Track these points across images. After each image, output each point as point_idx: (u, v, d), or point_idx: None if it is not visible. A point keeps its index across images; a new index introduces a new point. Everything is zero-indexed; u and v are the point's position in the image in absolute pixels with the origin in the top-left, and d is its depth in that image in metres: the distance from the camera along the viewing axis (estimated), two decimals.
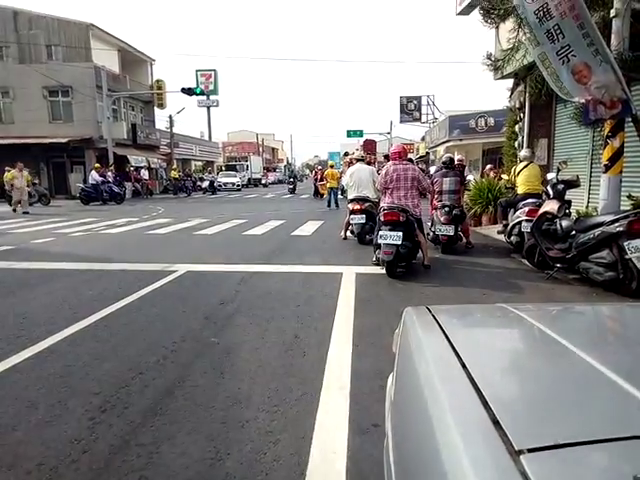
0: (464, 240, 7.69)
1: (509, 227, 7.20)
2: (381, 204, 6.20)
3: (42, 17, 25.67)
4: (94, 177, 20.24)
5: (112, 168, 22.33)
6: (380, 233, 5.72)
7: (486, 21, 7.23)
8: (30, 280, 5.78)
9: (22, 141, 22.68)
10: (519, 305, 1.48)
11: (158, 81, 32.33)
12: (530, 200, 6.77)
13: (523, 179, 7.25)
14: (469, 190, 9.97)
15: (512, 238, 7.01)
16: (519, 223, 6.75)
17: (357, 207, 8.29)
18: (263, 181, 46.70)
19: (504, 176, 8.98)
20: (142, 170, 26.80)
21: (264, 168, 56.74)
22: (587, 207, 7.85)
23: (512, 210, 7.35)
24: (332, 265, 6.41)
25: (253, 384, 2.85)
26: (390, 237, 5.62)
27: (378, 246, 5.86)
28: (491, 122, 20.96)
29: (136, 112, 31.11)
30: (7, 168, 18.20)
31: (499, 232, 8.05)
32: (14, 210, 15.76)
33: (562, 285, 5.22)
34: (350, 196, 8.67)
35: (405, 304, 4.42)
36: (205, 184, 30.86)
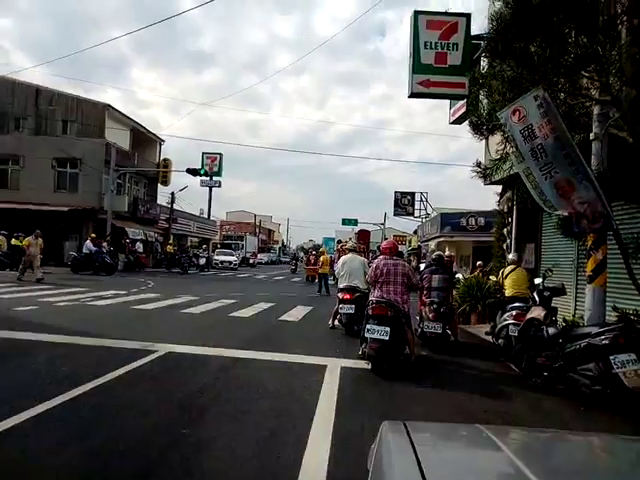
0: (452, 337, 7.62)
1: (497, 329, 7.19)
2: (370, 297, 6.22)
3: (62, 95, 27.36)
4: (89, 246, 20.33)
5: (108, 239, 22.53)
6: (367, 327, 5.68)
7: (475, 134, 7.78)
8: (4, 351, 5.59)
9: (23, 207, 23.06)
10: (495, 427, 1.46)
11: (165, 160, 33.68)
12: (517, 304, 6.83)
13: (510, 282, 7.37)
14: (457, 288, 10.07)
15: (500, 341, 6.97)
16: (507, 326, 6.75)
17: (347, 297, 8.30)
18: (251, 261, 44.67)
19: (492, 277, 9.14)
20: (137, 243, 27.01)
21: (258, 248, 57.40)
22: (574, 315, 7.90)
23: (500, 312, 7.38)
24: (317, 356, 6.27)
25: None
26: (377, 332, 5.57)
27: (365, 340, 5.79)
28: (481, 222, 21.70)
29: (140, 187, 32.07)
30: (20, 234, 18.32)
31: (487, 333, 8.02)
32: (19, 278, 14.63)
33: (549, 395, 5.09)
34: (340, 285, 8.72)
35: (388, 406, 4.32)
36: (202, 261, 30.29)
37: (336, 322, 8.74)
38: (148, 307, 10.14)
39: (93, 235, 21.21)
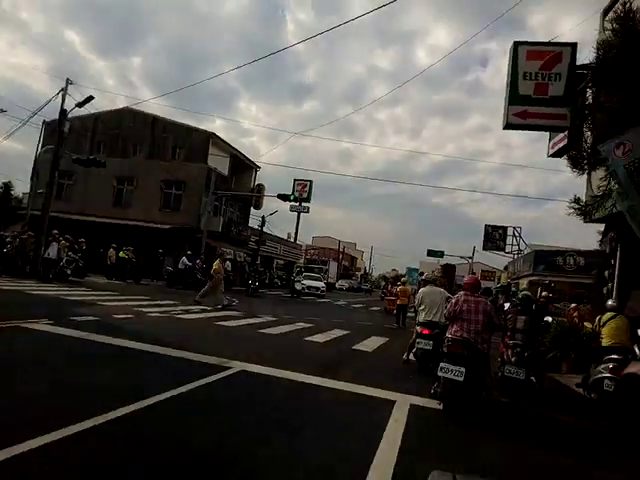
0: (536, 385, 7.00)
1: (590, 381, 6.48)
2: (447, 334, 5.96)
3: (174, 124, 30.21)
4: (184, 262, 21.90)
5: (202, 257, 24.06)
6: (441, 365, 5.42)
7: (574, 168, 7.28)
8: (97, 354, 6.16)
9: (133, 223, 25.53)
10: None
11: (259, 185, 35.55)
12: (615, 356, 6.13)
13: (608, 331, 6.65)
14: (547, 333, 9.27)
15: (592, 395, 6.27)
16: (601, 380, 6.06)
17: (425, 332, 8.02)
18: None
19: (587, 324, 8.30)
20: (227, 262, 28.48)
21: (340, 274, 57.69)
22: None
23: (594, 363, 6.65)
24: (387, 390, 6.08)
25: None
26: (451, 371, 5.30)
27: (438, 378, 5.53)
28: (581, 262, 19.98)
29: (234, 209, 34.05)
30: (129, 248, 20.73)
31: (577, 385, 7.25)
32: (197, 301, 14.14)
33: None
34: (420, 319, 8.45)
35: (455, 452, 4.06)
36: (297, 286, 28.41)
37: (411, 356, 8.45)
38: (230, 324, 10.60)
39: (189, 252, 22.81)
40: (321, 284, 32.83)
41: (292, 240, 49.59)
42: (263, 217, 35.60)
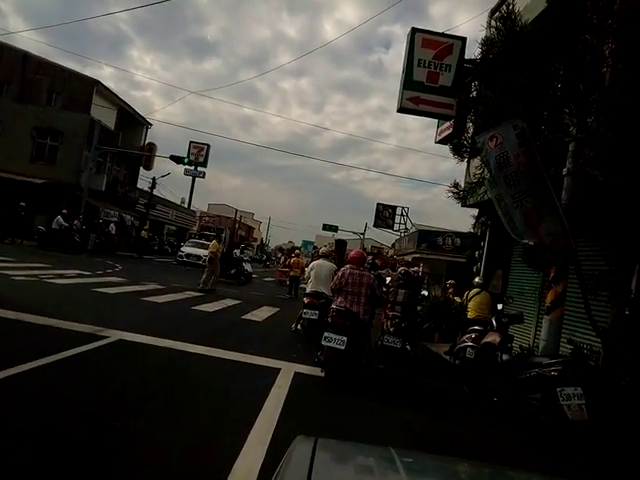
0: (411, 353, 7.64)
1: (455, 349, 7.23)
2: (332, 305, 6.19)
3: (51, 65, 26.70)
4: (59, 222, 19.81)
5: (81, 217, 21.99)
6: (325, 334, 5.63)
7: (456, 156, 7.85)
8: None
9: None
10: (410, 452, 1.42)
11: (150, 144, 33.20)
12: (476, 327, 6.89)
13: (473, 305, 7.45)
14: (423, 305, 10.14)
15: (457, 361, 7.02)
16: (464, 348, 6.80)
17: (311, 302, 8.25)
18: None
19: (456, 298, 9.23)
20: (111, 224, 26.45)
21: (235, 244, 56.87)
22: (532, 344, 8.02)
23: (460, 333, 7.43)
24: (272, 359, 6.18)
25: None
26: (334, 340, 5.53)
27: (321, 347, 5.74)
28: (457, 242, 21.97)
29: (121, 168, 31.45)
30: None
31: (446, 353, 8.07)
32: (202, 290, 12.64)
33: (495, 421, 5.13)
34: (307, 289, 8.67)
35: (332, 416, 4.26)
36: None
37: (299, 326, 8.68)
38: (109, 291, 9.88)
39: (65, 211, 20.66)
40: (205, 252, 28.46)
41: (185, 206, 47.51)
42: (154, 178, 33.55)
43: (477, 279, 8.32)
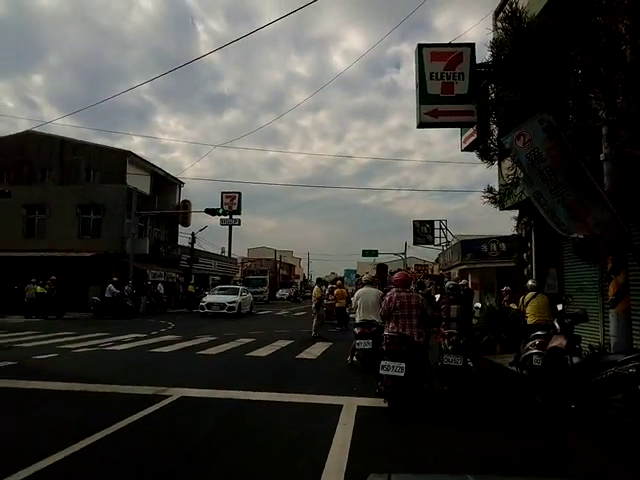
0: (474, 370, 7.32)
1: (520, 359, 6.87)
2: (384, 332, 6.06)
3: (86, 145, 28.53)
4: (111, 290, 20.67)
5: (130, 282, 22.85)
6: (382, 363, 5.50)
7: (484, 160, 7.71)
8: (19, 402, 5.59)
9: (50, 255, 23.70)
10: (488, 477, 1.33)
11: (184, 201, 34.42)
12: (539, 332, 6.55)
13: (532, 310, 7.11)
14: (477, 317, 9.77)
15: (524, 371, 6.65)
16: (530, 356, 6.45)
17: (363, 331, 8.12)
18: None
19: (512, 305, 8.84)
20: (159, 284, 27.32)
21: (280, 284, 57.37)
22: (602, 342, 7.52)
23: (523, 341, 7.08)
24: (333, 395, 6.07)
25: None
26: (392, 368, 5.38)
27: (380, 377, 5.59)
28: (503, 247, 21.26)
29: (161, 229, 32.71)
30: (49, 281, 18.74)
31: (510, 364, 7.68)
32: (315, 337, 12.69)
33: (576, 429, 4.78)
34: (356, 319, 8.56)
35: (402, 448, 4.09)
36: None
37: (354, 358, 8.53)
38: (165, 350, 10.11)
39: (115, 279, 21.56)
40: (230, 298, 22.54)
41: (226, 254, 48.58)
42: (193, 234, 34.61)
43: (530, 282, 7.97)
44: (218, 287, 26.70)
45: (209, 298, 22.76)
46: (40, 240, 25.78)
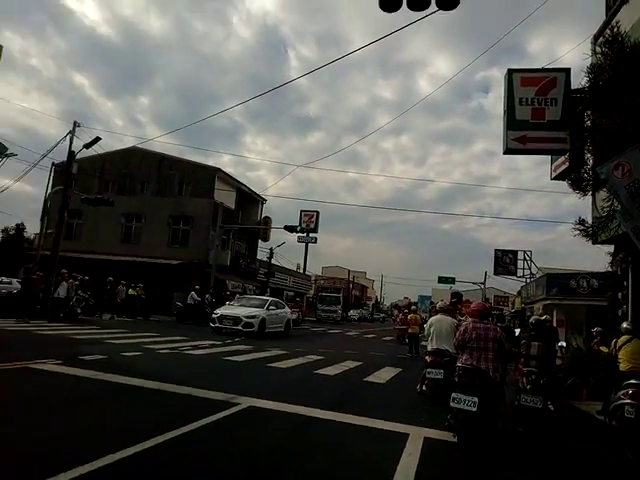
0: (555, 414, 6.78)
1: (610, 408, 6.26)
2: (457, 363, 5.84)
3: (181, 161, 30.84)
4: (193, 297, 21.89)
5: (211, 291, 24.04)
6: (453, 395, 5.29)
7: (577, 191, 7.28)
8: (105, 393, 6.10)
9: (142, 260, 25.71)
10: None
11: (266, 217, 35.85)
12: (634, 381, 5.94)
13: (625, 354, 6.47)
14: (561, 357, 9.05)
15: (613, 422, 6.05)
16: (622, 406, 5.86)
17: (434, 361, 7.87)
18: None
19: (602, 348, 8.10)
20: (237, 295, 28.44)
21: (351, 304, 57.16)
22: None
23: (614, 389, 6.45)
24: (400, 423, 5.92)
25: None
26: (464, 402, 5.16)
27: (451, 409, 5.38)
28: (594, 284, 19.66)
29: (242, 243, 34.26)
30: (139, 285, 20.52)
31: (598, 412, 7.02)
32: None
33: None
34: (428, 348, 8.32)
35: None
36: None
37: (424, 387, 8.27)
38: (238, 359, 10.48)
39: (197, 287, 22.81)
40: (250, 312, 17.52)
41: (301, 271, 49.54)
42: (271, 249, 35.80)
43: (625, 324, 7.28)
44: (238, 297, 21.59)
45: (223, 310, 17.92)
46: (135, 246, 28.12)
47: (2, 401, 5.31)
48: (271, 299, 20.25)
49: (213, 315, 17.61)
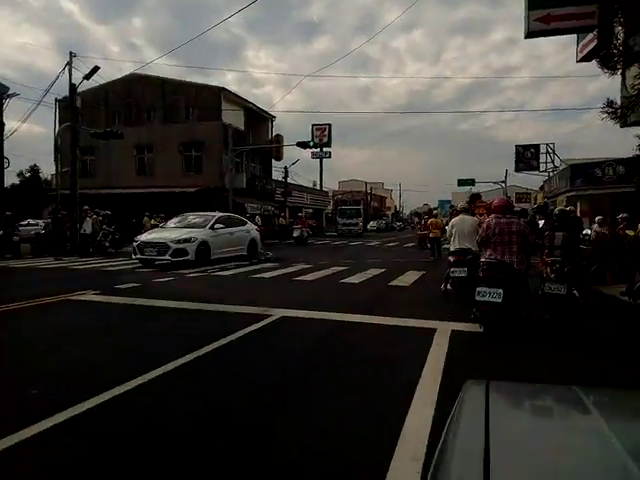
0: (580, 299, 6.91)
1: (635, 287, 6.34)
2: (481, 258, 5.88)
3: (184, 84, 29.71)
4: None
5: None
6: (478, 289, 5.40)
7: (605, 69, 6.77)
8: (145, 316, 6.44)
9: (159, 190, 25.86)
10: (596, 389, 1.30)
11: (277, 136, 35.01)
12: None
13: None
14: (585, 246, 9.03)
15: (638, 301, 6.15)
16: None
17: (458, 259, 7.96)
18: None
19: (629, 231, 8.01)
20: (257, 217, 28.75)
21: (370, 216, 57.30)
22: None
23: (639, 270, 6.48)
24: (427, 320, 6.15)
25: (317, 451, 2.80)
26: (489, 294, 5.27)
27: (476, 303, 5.52)
28: (621, 170, 19.03)
29: (255, 164, 33.89)
30: (161, 214, 20.84)
31: (622, 293, 7.11)
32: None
33: None
34: (451, 248, 8.38)
35: (497, 370, 4.08)
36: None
37: (449, 286, 8.46)
38: (265, 276, 10.83)
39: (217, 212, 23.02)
40: (180, 235, 12.98)
41: (318, 188, 49.31)
42: (286, 167, 35.45)
43: None
44: (182, 215, 15.85)
45: (145, 236, 13.75)
46: (150, 177, 28.18)
47: (53, 330, 5.67)
48: (219, 215, 15.60)
49: (133, 243, 13.34)
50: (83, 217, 17.56)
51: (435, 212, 17.32)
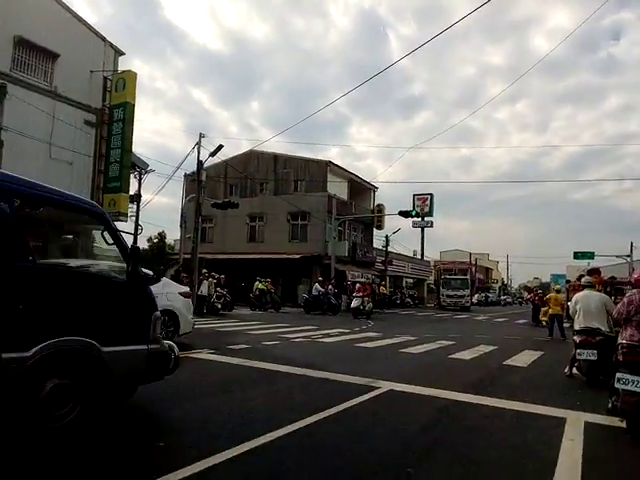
0: None
1: None
2: (619, 339, 5.24)
3: (293, 158, 32.13)
4: (317, 288, 22.77)
5: (333, 282, 24.75)
6: (618, 376, 4.76)
7: None
8: (258, 378, 6.63)
9: (267, 257, 27.39)
10: None
11: (378, 205, 35.77)
12: None
13: None
14: None
15: None
16: None
17: (585, 340, 7.17)
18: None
19: None
20: (357, 285, 28.87)
21: (476, 288, 54.49)
22: None
23: None
24: (552, 407, 5.52)
25: None
26: (633, 383, 4.62)
27: (615, 391, 4.86)
28: None
29: (357, 232, 34.64)
30: (268, 280, 22.02)
31: None
32: None
33: None
34: (576, 327, 7.60)
35: None
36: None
37: (574, 370, 7.60)
38: (369, 345, 10.65)
39: (320, 279, 23.66)
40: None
41: (419, 257, 48.55)
42: (387, 236, 35.63)
43: None
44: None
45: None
46: (259, 244, 30.08)
47: (182, 385, 6.06)
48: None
49: None
50: (201, 280, 19.05)
51: (557, 287, 16.03)
